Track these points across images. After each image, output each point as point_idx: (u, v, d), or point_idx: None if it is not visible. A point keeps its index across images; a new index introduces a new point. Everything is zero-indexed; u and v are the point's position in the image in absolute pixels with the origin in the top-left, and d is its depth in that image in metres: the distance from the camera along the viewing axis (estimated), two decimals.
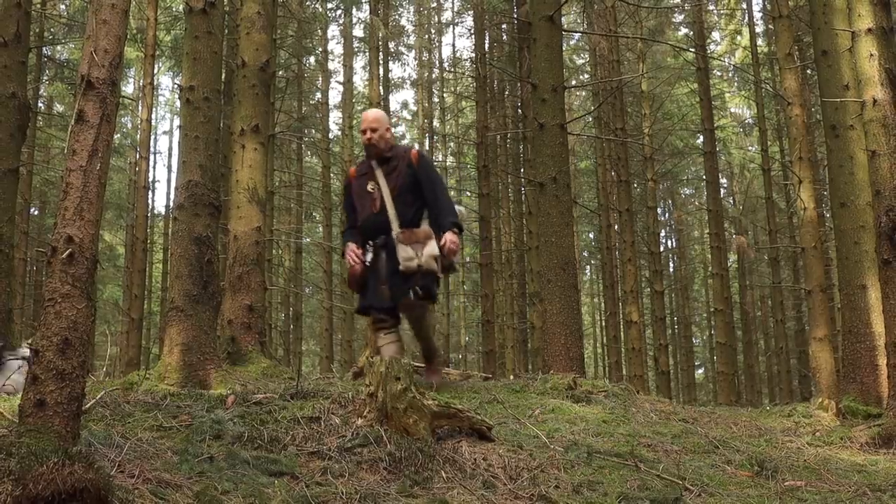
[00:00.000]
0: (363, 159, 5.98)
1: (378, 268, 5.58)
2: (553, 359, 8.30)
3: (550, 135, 8.89)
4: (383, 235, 5.57)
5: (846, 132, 8.15)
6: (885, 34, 6.20)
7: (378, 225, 5.60)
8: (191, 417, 3.98)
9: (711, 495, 3.78)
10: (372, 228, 5.65)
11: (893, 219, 5.78)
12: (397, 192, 5.63)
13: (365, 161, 5.91)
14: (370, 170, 5.76)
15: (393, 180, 5.65)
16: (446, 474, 3.58)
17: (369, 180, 5.72)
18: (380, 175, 5.67)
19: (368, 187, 5.69)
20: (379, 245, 5.59)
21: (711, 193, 20.04)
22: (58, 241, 2.95)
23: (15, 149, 7.73)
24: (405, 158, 5.72)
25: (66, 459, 2.56)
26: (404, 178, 5.65)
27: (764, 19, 23.26)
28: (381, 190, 5.62)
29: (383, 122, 5.76)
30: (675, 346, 32.44)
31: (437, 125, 31.83)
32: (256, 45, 8.85)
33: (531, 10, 9.55)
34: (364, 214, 5.71)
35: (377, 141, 5.68)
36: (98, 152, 3.02)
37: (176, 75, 24.13)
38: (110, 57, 3.08)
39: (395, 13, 29.20)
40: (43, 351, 2.87)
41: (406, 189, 5.64)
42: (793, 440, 5.44)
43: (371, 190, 5.67)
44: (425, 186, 5.65)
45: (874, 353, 7.33)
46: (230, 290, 8.14)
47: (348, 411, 4.17)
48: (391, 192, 5.61)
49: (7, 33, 7.72)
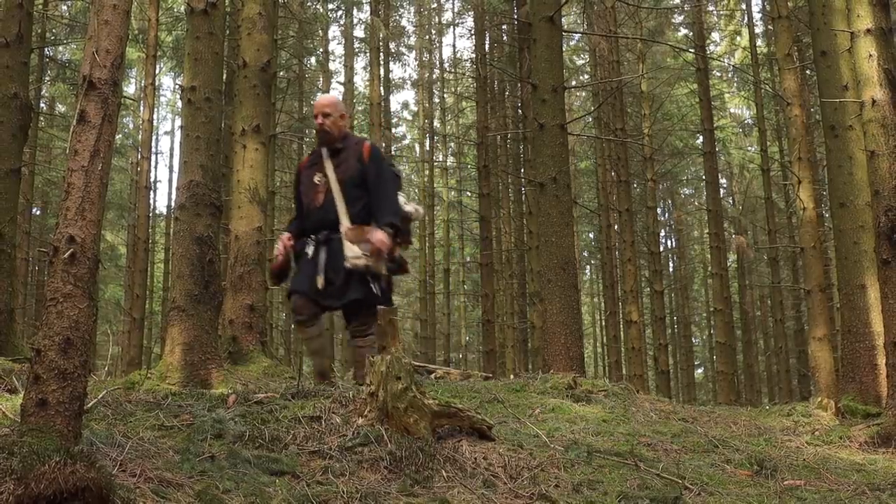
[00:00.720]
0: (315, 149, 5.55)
1: (317, 262, 5.13)
2: (553, 358, 8.32)
3: (550, 135, 8.90)
4: (326, 231, 5.15)
5: (845, 132, 8.16)
6: (884, 35, 6.21)
7: (322, 219, 5.19)
8: (192, 417, 3.99)
9: (711, 494, 3.79)
10: (315, 222, 5.24)
11: (892, 219, 5.79)
12: (345, 186, 5.20)
13: (315, 150, 5.49)
14: (319, 160, 5.35)
15: (341, 172, 5.22)
16: (447, 473, 3.59)
17: (317, 171, 5.31)
18: (328, 166, 5.26)
19: (315, 178, 5.29)
20: (321, 241, 5.16)
21: (711, 193, 20.05)
22: (60, 240, 2.96)
23: (17, 149, 7.75)
24: (356, 151, 5.30)
25: (68, 458, 2.57)
26: (353, 172, 5.22)
27: (763, 20, 23.28)
28: (328, 182, 5.21)
29: (337, 108, 5.35)
30: (674, 346, 32.44)
31: (437, 125, 31.84)
32: (257, 45, 8.87)
33: (531, 10, 9.57)
34: (309, 207, 5.30)
35: (330, 127, 5.27)
36: (100, 152, 3.04)
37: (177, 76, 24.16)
38: (112, 57, 3.10)
39: (395, 14, 29.22)
40: (45, 350, 2.89)
41: (354, 183, 5.20)
42: (792, 439, 5.46)
43: (318, 181, 5.27)
44: (371, 182, 5.20)
45: (873, 352, 7.35)
46: (231, 290, 8.16)
47: (349, 411, 4.19)
48: (339, 185, 5.19)
49: (9, 34, 7.73)
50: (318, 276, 5.07)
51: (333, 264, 5.07)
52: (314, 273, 5.10)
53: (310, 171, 5.36)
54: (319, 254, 5.13)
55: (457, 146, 31.42)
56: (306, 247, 5.21)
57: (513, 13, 19.86)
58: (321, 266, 5.10)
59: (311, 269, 5.13)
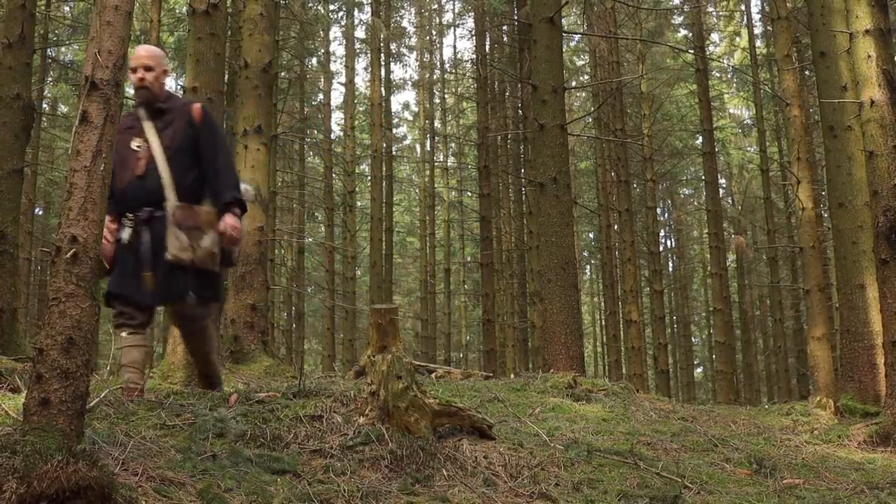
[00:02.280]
0: (130, 111, 4.71)
1: (139, 249, 4.35)
2: (553, 357, 8.33)
3: (551, 135, 8.92)
4: (149, 207, 4.37)
5: (844, 133, 8.18)
6: (883, 35, 6.23)
7: (143, 193, 4.38)
8: (194, 416, 4.00)
9: (710, 493, 3.80)
10: (134, 196, 4.40)
11: (891, 219, 5.81)
12: (172, 153, 4.44)
13: (132, 112, 4.64)
14: (137, 123, 4.52)
15: (167, 138, 4.45)
16: (447, 472, 3.61)
17: (135, 136, 4.47)
18: (150, 129, 4.46)
19: (133, 144, 4.44)
20: (141, 219, 4.37)
21: (710, 193, 20.07)
22: (62, 240, 2.97)
23: (19, 149, 7.77)
24: (185, 113, 4.55)
25: (70, 457, 2.58)
26: (182, 137, 4.48)
27: (763, 21, 23.29)
28: (150, 149, 4.42)
29: (160, 62, 4.57)
30: (674, 346, 32.46)
31: (438, 126, 31.87)
32: (259, 46, 8.89)
33: (531, 11, 9.58)
34: (125, 178, 4.42)
35: (151, 83, 4.49)
36: (102, 153, 3.05)
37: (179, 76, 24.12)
38: (114, 58, 3.11)
39: (396, 15, 29.24)
40: (47, 350, 2.90)
41: (183, 150, 4.47)
42: (791, 438, 5.48)
43: (136, 147, 4.44)
44: (205, 149, 4.49)
45: (872, 352, 7.37)
46: (233, 290, 8.18)
47: (350, 410, 4.20)
48: (164, 153, 4.42)
49: (12, 35, 7.75)
50: (144, 272, 4.31)
51: (159, 251, 4.32)
52: (138, 268, 4.34)
53: (125, 135, 4.41)
54: (141, 239, 4.35)
55: (457, 146, 31.44)
56: (122, 230, 4.41)
57: (513, 14, 19.88)
58: (145, 257, 4.33)
59: (132, 263, 4.36)
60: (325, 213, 26.49)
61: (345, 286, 25.11)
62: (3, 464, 2.54)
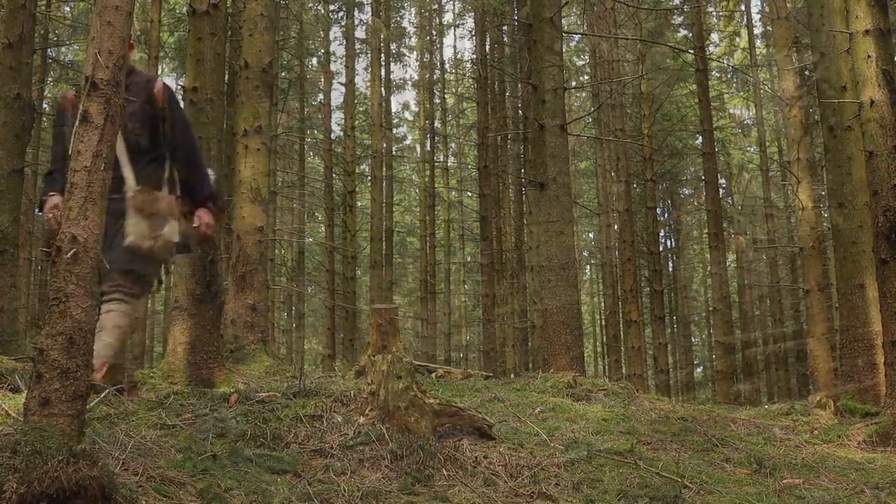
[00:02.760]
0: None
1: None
2: (553, 357, 8.34)
3: (551, 135, 8.92)
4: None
5: (844, 133, 8.19)
6: (883, 35, 6.24)
7: None
8: (194, 416, 4.01)
9: (710, 493, 3.81)
10: None
11: (891, 219, 5.81)
12: (129, 133, 4.19)
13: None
14: None
15: (126, 115, 4.07)
16: (447, 472, 3.61)
17: None
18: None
19: None
20: None
21: (710, 193, 20.07)
22: (62, 240, 2.98)
23: (20, 149, 7.78)
24: (145, 89, 4.26)
25: (71, 457, 2.58)
26: (141, 115, 4.22)
27: (762, 21, 23.30)
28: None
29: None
30: (674, 345, 32.44)
31: (438, 126, 31.86)
32: (259, 46, 8.89)
33: (532, 11, 9.59)
34: None
35: None
36: (102, 153, 3.05)
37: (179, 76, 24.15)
38: (114, 58, 3.11)
39: (396, 15, 29.25)
40: (47, 350, 2.90)
41: (142, 130, 4.23)
42: (791, 438, 5.48)
43: None
44: (178, 135, 4.26)
45: (872, 351, 7.38)
46: (233, 290, 8.19)
47: (350, 409, 4.20)
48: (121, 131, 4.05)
49: (12, 35, 7.76)
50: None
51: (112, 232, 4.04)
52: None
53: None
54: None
55: (457, 146, 31.47)
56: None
57: (513, 14, 19.89)
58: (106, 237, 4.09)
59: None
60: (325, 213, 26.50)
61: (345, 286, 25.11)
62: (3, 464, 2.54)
